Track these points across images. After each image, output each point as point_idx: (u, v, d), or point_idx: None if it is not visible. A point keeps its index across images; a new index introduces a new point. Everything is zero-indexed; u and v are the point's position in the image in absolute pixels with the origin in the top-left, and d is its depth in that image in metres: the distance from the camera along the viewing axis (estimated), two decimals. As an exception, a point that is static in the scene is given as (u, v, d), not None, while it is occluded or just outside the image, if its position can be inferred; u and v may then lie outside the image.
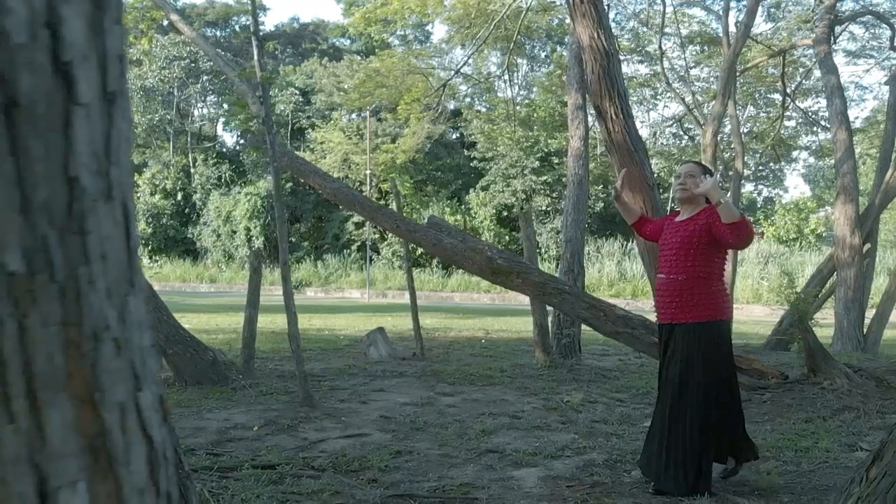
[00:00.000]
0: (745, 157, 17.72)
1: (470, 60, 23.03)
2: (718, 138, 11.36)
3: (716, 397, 3.59)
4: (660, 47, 13.74)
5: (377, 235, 33.63)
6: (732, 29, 12.32)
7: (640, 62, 24.62)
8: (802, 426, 5.14)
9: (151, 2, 9.57)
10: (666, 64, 15.95)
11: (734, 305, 13.07)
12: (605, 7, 5.35)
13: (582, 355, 8.57)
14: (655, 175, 26.77)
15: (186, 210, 36.44)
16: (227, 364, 6.45)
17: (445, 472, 4.05)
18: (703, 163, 4.18)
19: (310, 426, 5.05)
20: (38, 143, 0.68)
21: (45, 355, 0.64)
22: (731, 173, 13.13)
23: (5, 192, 0.60)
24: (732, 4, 13.55)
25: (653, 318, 5.06)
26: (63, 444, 0.65)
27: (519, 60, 27.30)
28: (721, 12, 14.16)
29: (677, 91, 15.72)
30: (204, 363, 6.08)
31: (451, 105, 31.16)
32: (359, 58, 34.37)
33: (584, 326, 7.70)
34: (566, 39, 32.41)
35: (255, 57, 4.80)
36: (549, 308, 7.80)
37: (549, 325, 8.18)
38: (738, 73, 12.99)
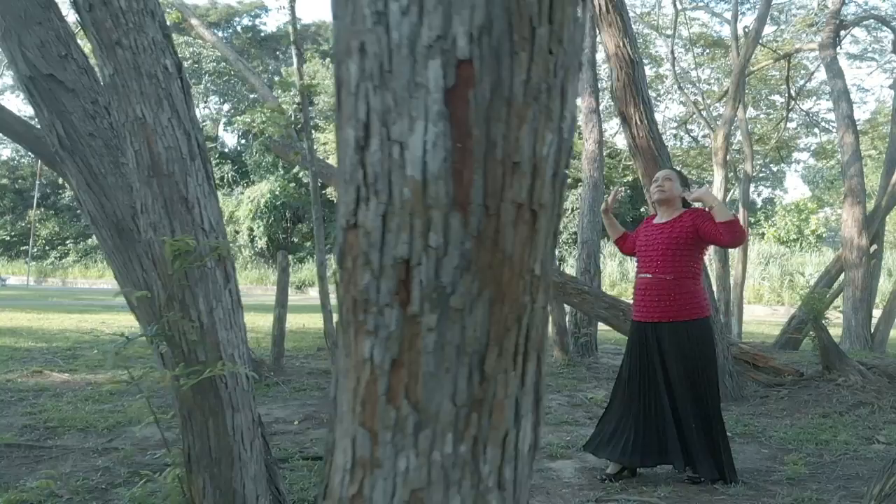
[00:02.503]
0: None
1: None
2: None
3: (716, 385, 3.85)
4: (671, 52, 13.94)
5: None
6: (739, 32, 12.54)
7: (646, 64, 24.81)
8: (820, 420, 5.34)
9: (172, 7, 9.74)
10: (670, 66, 16.16)
11: (743, 306, 13.27)
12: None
13: (598, 354, 8.76)
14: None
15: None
16: (257, 362, 6.63)
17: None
18: (678, 169, 4.39)
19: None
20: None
21: None
22: (741, 175, 13.35)
23: None
24: (739, 9, 13.73)
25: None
26: None
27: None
28: (729, 17, 14.37)
29: (687, 94, 15.91)
30: (239, 361, 6.26)
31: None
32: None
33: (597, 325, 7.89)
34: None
35: (295, 66, 4.98)
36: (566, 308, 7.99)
37: (567, 324, 8.38)
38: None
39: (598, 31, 5.85)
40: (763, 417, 5.48)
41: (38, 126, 3.69)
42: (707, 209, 3.74)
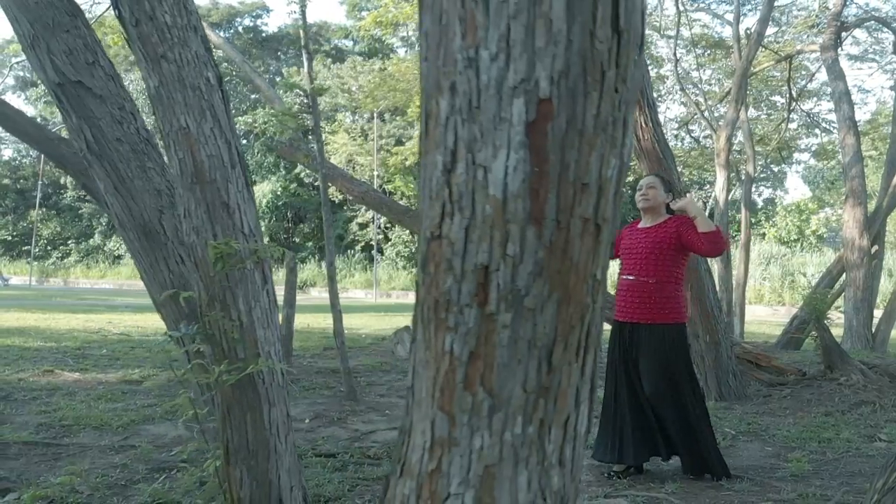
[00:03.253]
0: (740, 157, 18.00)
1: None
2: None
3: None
4: (674, 54, 14.01)
5: (381, 236, 33.89)
6: (741, 34, 12.62)
7: (648, 65, 24.90)
8: (823, 419, 5.42)
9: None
10: (671, 67, 16.23)
11: (746, 305, 13.35)
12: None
13: (601, 354, 8.84)
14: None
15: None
16: (266, 361, 6.70)
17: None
18: (669, 181, 4.46)
19: (357, 419, 5.31)
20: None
21: None
22: (742, 176, 13.44)
23: None
24: (741, 10, 13.81)
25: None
26: None
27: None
28: (730, 18, 14.44)
29: (689, 95, 15.99)
30: (248, 360, 6.33)
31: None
32: (361, 59, 34.60)
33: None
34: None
35: (306, 68, 5.05)
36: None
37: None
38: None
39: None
40: (766, 416, 5.55)
41: (50, 129, 3.74)
42: (692, 217, 3.85)
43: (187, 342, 1.66)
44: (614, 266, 4.40)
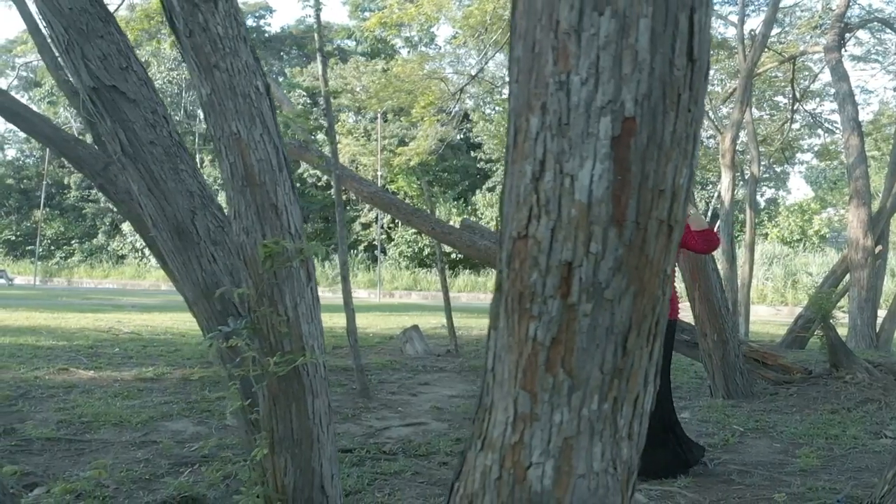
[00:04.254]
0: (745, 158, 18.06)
1: (478, 63, 23.38)
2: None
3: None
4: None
5: (384, 236, 33.98)
6: (745, 36, 12.70)
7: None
8: (829, 416, 5.50)
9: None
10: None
11: (750, 306, 13.43)
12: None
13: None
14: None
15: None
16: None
17: (508, 456, 4.39)
18: None
19: (371, 415, 5.40)
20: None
21: None
22: (746, 177, 13.53)
23: None
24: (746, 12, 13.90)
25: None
26: None
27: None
28: (733, 19, 14.53)
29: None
30: (261, 358, 6.42)
31: (456, 107, 31.49)
32: (363, 59, 34.69)
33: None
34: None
35: (320, 71, 5.13)
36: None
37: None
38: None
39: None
40: (773, 413, 5.64)
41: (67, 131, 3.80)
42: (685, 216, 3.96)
43: (236, 337, 1.74)
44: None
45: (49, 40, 2.97)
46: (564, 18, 1.10)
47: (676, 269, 4.09)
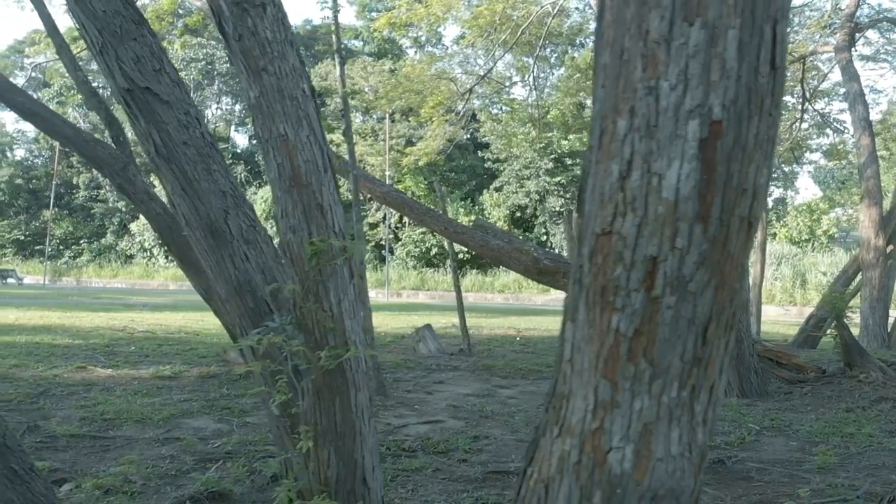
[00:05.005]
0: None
1: (486, 63, 23.43)
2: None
3: None
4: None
5: (391, 236, 34.04)
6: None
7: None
8: (844, 415, 5.52)
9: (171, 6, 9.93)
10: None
11: (762, 306, 13.43)
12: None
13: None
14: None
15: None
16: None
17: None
18: None
19: (388, 413, 5.44)
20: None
21: None
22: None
23: None
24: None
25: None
26: None
27: (530, 62, 27.71)
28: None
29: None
30: (277, 356, 6.47)
31: (465, 107, 31.61)
32: (370, 59, 34.76)
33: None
34: (577, 41, 32.82)
35: (338, 73, 5.18)
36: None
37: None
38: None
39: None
40: (788, 412, 5.66)
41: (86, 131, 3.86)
42: None
43: (274, 333, 1.78)
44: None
45: (84, 42, 3.02)
46: (655, 28, 1.18)
47: None
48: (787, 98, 22.12)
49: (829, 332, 7.15)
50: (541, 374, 7.40)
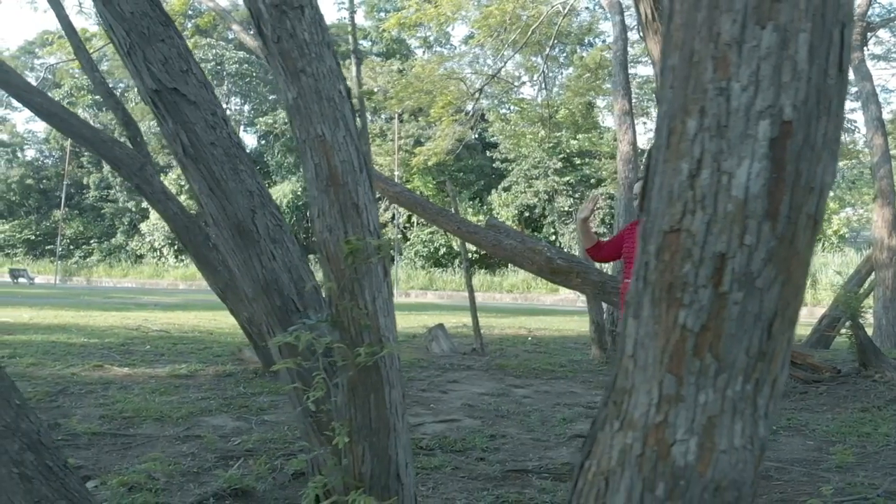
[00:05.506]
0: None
1: (495, 63, 23.44)
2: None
3: None
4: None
5: (399, 236, 34.09)
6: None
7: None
8: (860, 415, 5.52)
9: (212, 11, 10.01)
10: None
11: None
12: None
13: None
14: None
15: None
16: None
17: (543, 453, 4.45)
18: None
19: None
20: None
21: None
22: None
23: None
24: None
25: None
26: None
27: (538, 62, 27.71)
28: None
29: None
30: (293, 355, 6.51)
31: (471, 106, 31.63)
32: (378, 59, 34.80)
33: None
34: (585, 40, 32.79)
35: (354, 74, 5.21)
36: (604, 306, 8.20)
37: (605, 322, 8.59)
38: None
39: (643, 38, 6.05)
40: (805, 412, 5.66)
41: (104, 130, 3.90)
42: None
43: (317, 330, 1.81)
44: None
45: (112, 44, 3.06)
46: (726, 31, 1.21)
47: None
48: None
49: (843, 331, 7.13)
50: (554, 374, 7.42)
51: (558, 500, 3.52)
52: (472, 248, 15.39)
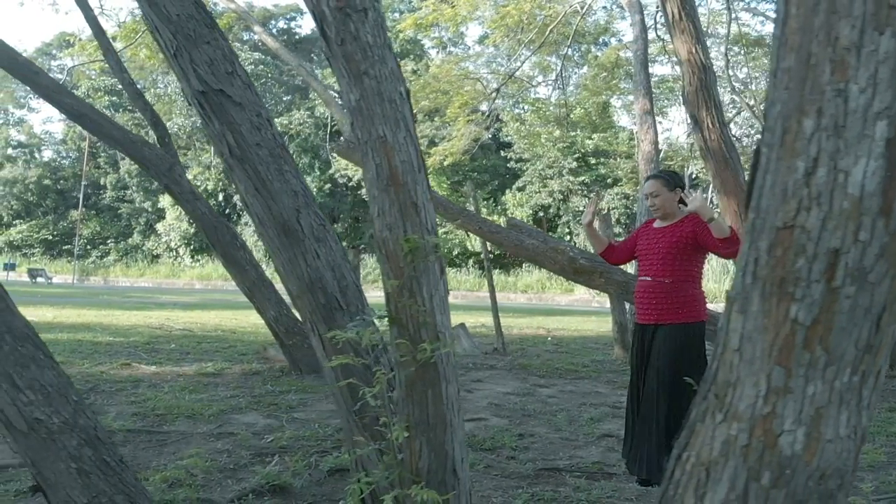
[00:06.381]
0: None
1: (509, 63, 23.42)
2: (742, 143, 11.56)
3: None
4: (726, 55, 14.02)
5: (414, 235, 34.08)
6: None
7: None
8: (887, 415, 5.50)
9: (235, 14, 10.09)
10: (721, 66, 16.18)
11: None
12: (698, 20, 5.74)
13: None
14: (695, 177, 26.69)
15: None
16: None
17: (572, 452, 4.47)
18: (667, 172, 4.31)
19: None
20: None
21: None
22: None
23: None
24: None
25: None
26: None
27: (554, 61, 27.68)
28: (772, 15, 14.39)
29: (742, 97, 15.96)
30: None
31: (485, 106, 31.63)
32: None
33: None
34: (601, 40, 32.71)
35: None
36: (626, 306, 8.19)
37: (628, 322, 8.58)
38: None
39: (670, 37, 6.06)
40: (832, 411, 5.65)
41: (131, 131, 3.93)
42: (707, 222, 3.70)
43: (347, 330, 1.85)
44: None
45: (159, 46, 3.12)
46: (845, 36, 1.27)
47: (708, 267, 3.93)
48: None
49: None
50: (578, 374, 7.43)
51: (593, 498, 3.54)
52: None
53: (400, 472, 1.90)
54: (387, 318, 1.87)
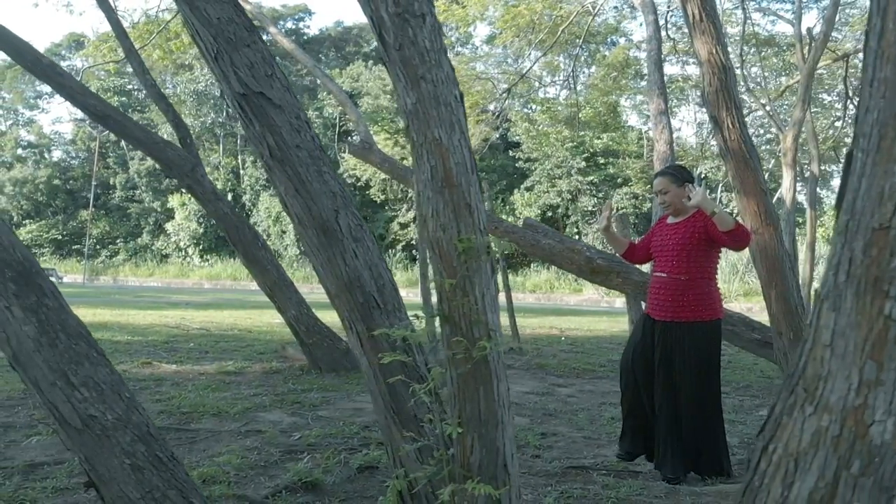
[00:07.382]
0: (798, 157, 17.86)
1: (518, 63, 23.52)
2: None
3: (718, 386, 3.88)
4: (740, 55, 14.03)
5: (423, 235, 34.13)
6: (803, 33, 12.63)
7: (693, 63, 24.81)
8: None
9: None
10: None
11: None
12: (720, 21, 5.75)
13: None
14: (705, 176, 26.63)
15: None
16: (344, 351, 6.88)
17: (597, 451, 4.50)
18: (675, 167, 4.33)
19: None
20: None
21: None
22: (807, 175, 13.50)
23: None
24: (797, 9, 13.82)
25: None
26: None
27: (562, 61, 27.68)
28: (785, 15, 14.43)
29: (757, 96, 15.96)
30: (338, 352, 6.62)
31: (493, 106, 31.66)
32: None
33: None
34: (609, 39, 32.72)
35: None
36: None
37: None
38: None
39: (690, 38, 6.07)
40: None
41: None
42: (709, 215, 3.71)
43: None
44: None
45: (199, 49, 3.17)
46: None
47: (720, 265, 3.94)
48: (828, 97, 21.88)
49: None
50: (595, 374, 7.46)
51: (622, 495, 3.57)
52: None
53: (450, 468, 1.95)
54: (438, 317, 1.91)
